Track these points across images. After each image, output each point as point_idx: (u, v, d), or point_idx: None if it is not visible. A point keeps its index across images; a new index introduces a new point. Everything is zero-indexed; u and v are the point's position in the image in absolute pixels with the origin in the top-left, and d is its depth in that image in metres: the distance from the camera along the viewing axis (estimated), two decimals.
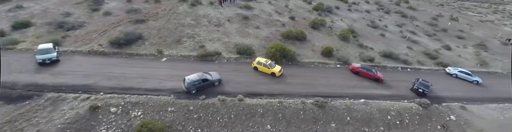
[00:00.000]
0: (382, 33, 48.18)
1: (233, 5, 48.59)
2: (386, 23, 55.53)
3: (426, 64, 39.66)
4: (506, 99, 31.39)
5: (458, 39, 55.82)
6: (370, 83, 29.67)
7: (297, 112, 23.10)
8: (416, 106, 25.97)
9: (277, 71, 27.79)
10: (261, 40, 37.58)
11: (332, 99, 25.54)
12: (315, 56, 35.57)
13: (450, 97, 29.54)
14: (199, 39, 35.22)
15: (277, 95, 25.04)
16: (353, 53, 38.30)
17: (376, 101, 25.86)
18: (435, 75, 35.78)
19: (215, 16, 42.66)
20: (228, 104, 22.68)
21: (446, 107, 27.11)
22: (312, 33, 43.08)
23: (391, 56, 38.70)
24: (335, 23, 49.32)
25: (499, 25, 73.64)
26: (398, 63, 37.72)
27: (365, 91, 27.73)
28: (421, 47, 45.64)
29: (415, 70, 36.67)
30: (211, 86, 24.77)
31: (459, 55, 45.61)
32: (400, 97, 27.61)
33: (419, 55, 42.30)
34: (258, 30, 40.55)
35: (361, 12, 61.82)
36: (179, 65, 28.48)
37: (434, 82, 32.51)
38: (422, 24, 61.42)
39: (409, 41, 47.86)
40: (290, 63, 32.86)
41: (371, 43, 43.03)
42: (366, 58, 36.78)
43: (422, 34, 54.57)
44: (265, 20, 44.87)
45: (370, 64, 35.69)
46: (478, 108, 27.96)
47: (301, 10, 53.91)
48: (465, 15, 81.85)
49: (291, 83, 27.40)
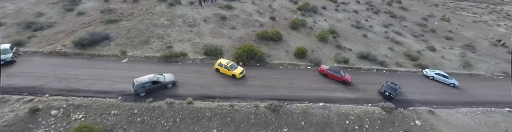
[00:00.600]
0: (364, 34, 46.59)
1: (214, 5, 47.39)
2: (372, 24, 53.86)
3: (405, 65, 38.01)
4: (481, 103, 29.77)
5: (446, 40, 53.87)
6: (336, 86, 28.25)
7: (248, 116, 21.85)
8: (379, 110, 24.51)
9: (238, 73, 26.55)
10: (234, 41, 36.35)
11: (290, 102, 24.21)
12: (287, 58, 34.21)
13: (420, 101, 27.95)
14: (169, 39, 34.13)
15: (231, 98, 23.80)
16: (329, 54, 36.84)
17: (337, 105, 24.45)
18: (412, 77, 34.17)
19: (192, 16, 41.55)
20: (175, 107, 21.53)
21: (413, 111, 25.57)
22: (291, 34, 41.69)
23: (367, 57, 37.17)
24: (317, 24, 47.86)
25: (493, 26, 71.24)
26: (375, 65, 36.20)
27: (329, 94, 26.34)
28: (404, 48, 43.95)
29: (391, 72, 35.06)
30: (163, 88, 23.63)
31: (443, 56, 43.81)
32: (365, 101, 26.14)
33: (400, 56, 40.62)
34: (233, 30, 39.34)
35: (349, 12, 60.14)
36: (139, 67, 27.39)
37: (408, 84, 31.08)
38: (410, 25, 59.52)
39: (392, 42, 46.16)
40: (258, 65, 31.56)
41: (351, 44, 41.50)
42: (340, 60, 35.31)
43: (409, 34, 52.75)
44: (244, 20, 43.61)
45: (344, 66, 34.30)
46: (448, 113, 26.37)
47: (285, 10, 52.49)
48: (458, 15, 79.48)
49: (251, 86, 26.13)
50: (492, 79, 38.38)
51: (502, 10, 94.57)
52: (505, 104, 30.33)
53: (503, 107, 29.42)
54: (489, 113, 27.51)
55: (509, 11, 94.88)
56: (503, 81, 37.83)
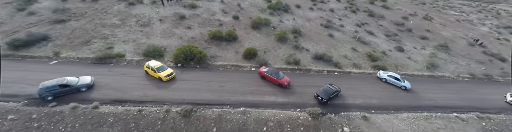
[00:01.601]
0: (331, 33, 44.38)
1: (178, 4, 45.60)
2: (345, 23, 51.57)
3: (363, 67, 35.81)
4: (429, 107, 27.69)
5: (421, 40, 51.33)
6: (271, 89, 26.37)
7: (155, 122, 20.18)
8: (305, 116, 22.60)
9: (164, 75, 24.87)
10: (184, 41, 34.67)
11: (209, 107, 22.40)
12: (234, 59, 32.38)
13: (360, 105, 25.95)
14: (113, 40, 32.59)
15: (146, 102, 22.16)
16: (282, 55, 34.87)
17: (259, 110, 22.62)
18: (364, 79, 32.05)
19: (148, 15, 39.95)
20: (78, 112, 19.99)
21: (345, 117, 23.59)
22: (249, 34, 39.79)
23: (322, 58, 34.97)
24: (283, 23, 45.81)
25: (477, 25, 68.01)
26: (328, 66, 34.11)
27: (257, 98, 24.51)
28: (370, 48, 41.64)
29: (344, 74, 32.95)
30: (76, 91, 22.05)
31: (409, 57, 41.36)
32: (296, 106, 24.24)
33: (361, 57, 38.38)
34: (188, 30, 37.64)
35: (324, 11, 57.81)
36: (65, 69, 25.93)
37: (356, 87, 29.13)
38: (387, 24, 56.90)
39: (359, 41, 43.75)
40: (198, 66, 29.77)
41: (311, 44, 39.43)
42: (291, 61, 33.22)
43: (381, 34, 50.26)
44: (204, 19, 41.85)
45: (292, 68, 32.38)
46: (385, 118, 24.31)
47: (254, 9, 50.50)
48: (444, 14, 76.22)
49: (175, 89, 24.47)
50: (455, 81, 36.09)
51: (493, 8, 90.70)
52: (455, 108, 28.18)
53: (451, 112, 27.21)
54: (433, 119, 25.33)
55: (500, 10, 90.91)
56: (467, 83, 35.53)
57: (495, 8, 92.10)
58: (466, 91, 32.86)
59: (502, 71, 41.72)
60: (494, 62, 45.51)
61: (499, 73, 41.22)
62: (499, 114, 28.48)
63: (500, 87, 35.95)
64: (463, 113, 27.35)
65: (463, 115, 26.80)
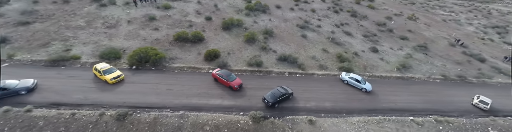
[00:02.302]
0: (304, 34, 43.48)
1: (152, 5, 45.07)
2: (323, 23, 50.63)
3: (330, 68, 34.84)
4: (385, 110, 26.72)
5: (401, 40, 50.17)
6: (221, 92, 25.65)
7: (86, 125, 19.60)
8: (245, 120, 21.80)
9: (109, 78, 24.31)
10: (147, 43, 34.09)
11: (148, 110, 21.74)
12: (194, 60, 31.75)
13: (310, 108, 25.10)
14: (73, 42, 32.17)
15: (84, 105, 21.61)
16: (246, 57, 34.08)
17: (199, 114, 21.92)
18: (325, 81, 31.16)
19: (118, 17, 39.51)
20: (9, 115, 19.51)
21: (289, 121, 22.77)
22: (218, 35, 39.10)
23: (287, 59, 34.10)
24: (257, 24, 45.05)
25: (463, 25, 66.47)
26: (292, 68, 33.22)
27: (203, 101, 23.79)
28: (342, 49, 40.65)
29: (306, 76, 32.09)
30: (14, 95, 21.56)
31: (382, 58, 40.23)
32: (241, 109, 23.49)
33: (330, 58, 37.40)
34: (154, 31, 37.09)
35: (305, 11, 56.89)
36: (14, 72, 25.51)
37: (314, 89, 28.47)
38: (368, 24, 55.74)
39: (332, 42, 42.73)
40: (153, 68, 29.11)
41: (280, 45, 38.58)
42: (253, 62, 32.43)
43: (359, 34, 49.12)
44: (175, 21, 41.28)
45: (252, 69, 31.53)
46: (333, 122, 23.43)
47: (231, 9, 49.80)
48: (432, 14, 74.66)
49: (120, 92, 23.87)
50: (425, 82, 35.04)
51: (485, 8, 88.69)
52: (414, 111, 27.18)
53: (408, 115, 26.12)
54: (386, 123, 24.37)
55: (492, 9, 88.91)
56: (437, 85, 34.49)
57: (487, 8, 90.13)
58: (433, 93, 31.77)
59: (478, 72, 40.42)
60: (473, 63, 44.26)
61: (475, 74, 39.91)
62: (461, 117, 27.40)
63: (472, 88, 34.83)
64: (421, 117, 26.30)
65: (420, 118, 25.76)
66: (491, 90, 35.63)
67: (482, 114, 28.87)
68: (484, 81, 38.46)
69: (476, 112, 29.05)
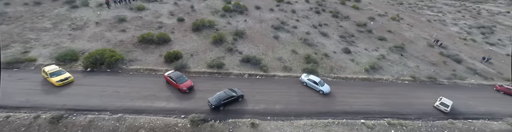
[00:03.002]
0: (277, 35, 42.75)
1: (126, 6, 44.69)
2: (301, 24, 49.83)
3: (294, 70, 34.12)
4: (338, 113, 26.03)
5: (378, 41, 49.19)
6: (170, 94, 25.13)
7: (18, 128, 19.22)
8: (184, 123, 21.16)
9: (55, 80, 23.85)
10: (110, 45, 33.72)
11: (88, 113, 21.23)
12: (154, 62, 31.25)
13: (257, 111, 24.45)
14: (33, 44, 31.90)
15: (23, 108, 21.26)
16: (209, 58, 33.45)
17: (138, 116, 21.36)
18: (284, 83, 30.49)
19: (87, 18, 39.21)
20: None
21: (231, 124, 22.11)
22: (187, 36, 38.60)
23: (250, 61, 33.44)
24: (230, 25, 44.47)
25: (448, 25, 65.16)
26: (254, 69, 32.54)
27: (147, 104, 23.25)
28: (313, 50, 39.87)
29: (267, 78, 31.43)
30: None
31: (353, 59, 39.34)
32: (184, 112, 22.96)
33: (298, 59, 36.63)
34: (120, 33, 36.72)
35: (285, 12, 56.14)
36: None
37: (269, 92, 27.90)
38: (349, 25, 54.71)
39: (304, 43, 41.97)
40: (109, 70, 28.65)
41: (249, 47, 37.94)
42: (214, 64, 31.82)
43: (336, 35, 48.18)
44: (145, 22, 40.85)
45: (211, 71, 30.91)
46: (277, 126, 22.72)
47: (207, 10, 49.28)
48: (418, 14, 73.40)
49: (64, 94, 23.46)
50: (392, 84, 34.15)
51: (475, 8, 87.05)
52: (369, 114, 26.40)
53: (360, 118, 25.29)
54: (334, 126, 23.58)
55: (483, 10, 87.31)
56: (403, 86, 33.66)
57: (478, 8, 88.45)
58: (396, 95, 30.91)
59: (452, 73, 39.35)
60: (449, 64, 43.14)
61: (448, 75, 38.87)
62: (418, 120, 26.49)
63: (440, 90, 33.90)
64: (375, 119, 25.46)
65: (373, 121, 24.93)
66: (461, 91, 34.69)
67: (442, 116, 27.93)
68: (456, 82, 37.43)
69: (436, 114, 28.11)
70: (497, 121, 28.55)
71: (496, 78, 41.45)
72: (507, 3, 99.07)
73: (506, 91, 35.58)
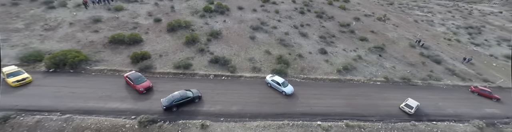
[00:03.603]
0: (254, 36, 42.45)
1: (104, 7, 44.66)
2: (282, 24, 49.46)
3: (263, 70, 33.80)
4: (296, 114, 25.74)
5: (359, 41, 48.66)
6: (126, 95, 25.01)
7: None
8: (132, 124, 20.93)
9: (11, 81, 23.81)
10: (79, 45, 33.67)
11: (36, 113, 21.13)
12: (120, 63, 31.15)
13: (212, 112, 24.21)
14: (2, 45, 31.76)
15: None
16: (178, 59, 33.25)
17: (86, 117, 21.19)
18: (249, 84, 30.28)
19: (62, 19, 39.26)
20: None
21: (181, 125, 21.90)
22: (160, 37, 38.48)
23: (219, 62, 33.19)
24: (208, 25, 44.29)
25: (435, 25, 64.33)
26: (222, 70, 32.27)
27: (100, 105, 23.14)
28: (288, 51, 39.50)
29: (233, 78, 31.16)
30: None
31: (328, 59, 38.92)
32: (136, 113, 22.78)
33: (269, 60, 36.27)
34: (93, 34, 36.70)
35: (268, 12, 55.74)
36: None
37: (230, 93, 27.76)
38: (332, 25, 54.22)
39: (280, 44, 41.62)
40: (72, 71, 28.54)
41: (222, 47, 37.70)
42: (181, 65, 31.60)
43: (316, 35, 47.72)
44: (121, 23, 40.76)
45: (176, 72, 30.75)
46: (229, 127, 22.49)
47: (187, 11, 49.09)
48: (407, 14, 72.64)
49: (19, 95, 23.42)
50: (362, 85, 33.77)
51: (467, 9, 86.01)
52: (329, 116, 26.12)
53: (318, 120, 24.91)
54: (288, 128, 23.25)
55: (475, 10, 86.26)
56: (373, 87, 33.30)
57: (470, 8, 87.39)
58: (363, 96, 30.48)
59: (428, 74, 38.78)
60: (427, 64, 42.53)
61: (424, 76, 38.31)
62: (379, 122, 25.96)
63: (411, 91, 33.48)
64: (333, 121, 25.03)
65: (330, 123, 24.51)
66: (434, 92, 34.20)
67: (406, 118, 27.44)
68: (430, 83, 36.88)
69: (400, 116, 27.62)
70: (463, 123, 27.96)
71: (474, 79, 40.74)
72: (501, 3, 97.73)
73: (480, 93, 34.89)
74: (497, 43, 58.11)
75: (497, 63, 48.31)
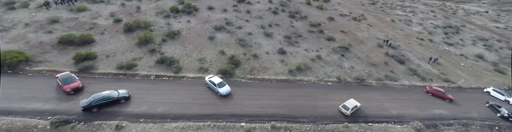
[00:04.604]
0: (213, 36, 42.21)
1: (68, 7, 44.83)
2: (249, 25, 49.14)
3: (210, 71, 33.62)
4: (223, 116, 25.38)
5: (326, 41, 48.08)
6: (53, 96, 25.09)
7: None
8: (44, 125, 20.79)
9: None
10: (27, 46, 33.83)
11: None
12: (63, 63, 31.17)
13: (134, 113, 24.05)
14: None
15: None
16: (125, 60, 33.13)
17: (1, 118, 21.00)
18: (188, 85, 30.14)
19: (19, 20, 39.50)
20: None
21: (96, 126, 21.76)
22: (115, 37, 38.50)
23: (165, 62, 32.99)
24: (170, 25, 44.15)
25: (412, 25, 63.30)
26: (166, 71, 32.09)
27: (21, 105, 23.17)
28: (244, 51, 39.18)
29: (174, 79, 31.03)
30: None
31: (283, 59, 38.46)
32: (55, 113, 22.58)
33: (221, 60, 35.98)
34: (46, 34, 36.85)
35: (240, 13, 55.33)
36: None
37: (163, 93, 27.56)
38: (302, 25, 53.65)
39: (238, 44, 41.29)
40: (10, 72, 28.59)
41: (175, 48, 37.59)
42: (124, 65, 31.49)
43: (282, 35, 47.27)
44: (78, 23, 40.86)
45: (116, 72, 30.59)
46: (146, 128, 22.32)
47: (152, 11, 49.00)
48: (387, 14, 71.68)
49: None
50: (310, 85, 33.24)
51: (453, 8, 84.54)
52: (259, 117, 25.91)
53: (245, 121, 24.62)
54: (207, 129, 22.97)
55: (461, 9, 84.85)
56: (321, 88, 32.99)
57: (457, 8, 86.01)
58: (306, 97, 30.02)
59: (385, 74, 38.10)
60: (390, 64, 41.80)
61: (381, 76, 37.62)
62: (309, 123, 25.42)
63: (361, 92, 33.08)
64: (260, 123, 24.58)
65: (255, 124, 24.14)
66: (385, 93, 33.63)
67: (342, 120, 26.92)
68: (385, 83, 36.23)
69: (336, 117, 27.09)
70: (402, 125, 27.29)
71: (435, 79, 39.96)
72: (491, 3, 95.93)
73: (434, 93, 34.15)
74: (473, 42, 56.96)
75: (466, 62, 47.30)
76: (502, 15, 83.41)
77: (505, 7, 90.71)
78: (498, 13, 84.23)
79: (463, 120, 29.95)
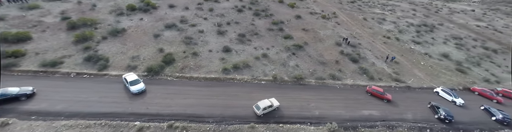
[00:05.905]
0: (159, 34, 41.92)
1: (20, 5, 45.18)
2: (205, 22, 48.71)
3: (139, 69, 33.20)
4: (123, 114, 24.81)
5: (283, 39, 47.19)
6: None
7: None
8: None
9: None
10: None
11: None
12: None
13: (29, 110, 23.66)
14: None
15: None
16: (54, 57, 32.98)
17: None
18: (106, 82, 29.88)
19: None
20: None
21: None
22: (55, 35, 38.54)
23: (91, 60, 32.79)
24: (119, 23, 44.15)
25: (383, 24, 61.68)
26: (92, 69, 31.76)
27: None
28: (186, 49, 38.70)
29: (96, 77, 31.04)
30: None
31: (224, 58, 37.88)
32: None
33: (156, 58, 35.53)
34: None
35: (202, 11, 54.87)
36: None
37: (79, 91, 27.70)
38: (264, 23, 52.78)
39: (183, 42, 40.80)
40: None
41: (113, 45, 37.44)
42: (48, 63, 31.40)
43: (236, 33, 46.61)
44: (23, 21, 41.07)
45: (39, 70, 30.43)
46: (31, 126, 22.00)
47: (107, 9, 49.12)
48: (362, 12, 70.07)
49: None
50: (239, 84, 32.62)
51: (438, 7, 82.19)
52: (158, 116, 25.17)
53: (142, 121, 23.91)
54: (97, 128, 22.41)
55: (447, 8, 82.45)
56: (249, 87, 32.60)
57: (443, 6, 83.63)
58: (225, 96, 29.36)
59: (330, 73, 36.94)
60: (341, 63, 40.65)
61: (326, 75, 36.49)
62: (212, 123, 24.66)
63: (292, 91, 32.08)
64: (158, 122, 23.94)
65: (151, 124, 23.45)
66: (319, 92, 32.73)
67: (252, 120, 25.99)
68: (325, 82, 35.11)
69: (247, 118, 26.26)
70: (318, 126, 26.20)
71: (385, 79, 38.52)
72: (482, 2, 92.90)
73: (373, 93, 32.91)
74: (444, 41, 54.95)
75: (427, 61, 45.61)
76: (489, 14, 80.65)
77: (496, 6, 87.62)
78: (484, 12, 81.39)
79: (392, 122, 28.50)
